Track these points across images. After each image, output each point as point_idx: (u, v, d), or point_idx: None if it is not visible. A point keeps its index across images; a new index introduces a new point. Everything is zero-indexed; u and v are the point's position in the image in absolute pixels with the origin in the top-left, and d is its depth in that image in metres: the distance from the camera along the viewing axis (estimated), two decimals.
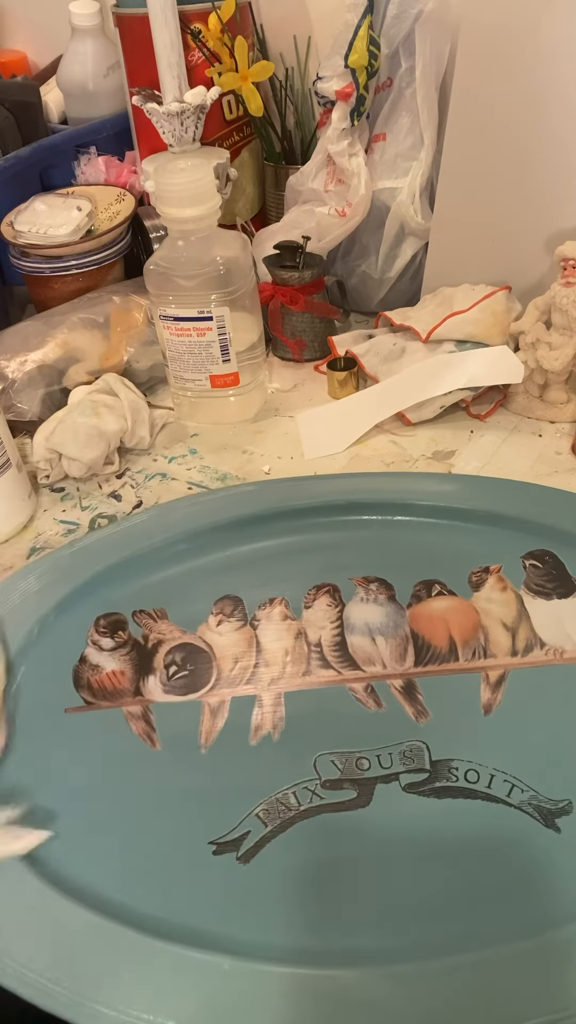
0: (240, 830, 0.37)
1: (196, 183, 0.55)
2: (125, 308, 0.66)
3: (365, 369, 0.65)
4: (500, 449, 0.59)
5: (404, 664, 0.44)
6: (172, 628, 0.47)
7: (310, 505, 0.53)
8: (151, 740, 0.41)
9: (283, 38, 0.77)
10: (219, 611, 0.47)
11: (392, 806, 0.37)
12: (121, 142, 0.79)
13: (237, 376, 0.62)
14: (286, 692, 0.43)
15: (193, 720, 0.42)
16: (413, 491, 0.53)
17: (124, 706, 0.43)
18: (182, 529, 0.52)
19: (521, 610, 0.46)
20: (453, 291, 0.65)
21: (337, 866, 0.35)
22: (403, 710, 0.41)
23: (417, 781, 0.38)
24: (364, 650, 0.45)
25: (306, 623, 0.46)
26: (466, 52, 0.60)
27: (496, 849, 0.35)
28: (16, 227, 0.69)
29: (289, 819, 0.37)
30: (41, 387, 0.62)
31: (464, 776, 0.38)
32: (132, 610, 0.48)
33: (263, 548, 0.51)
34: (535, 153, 0.61)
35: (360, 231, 0.71)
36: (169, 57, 0.67)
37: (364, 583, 0.48)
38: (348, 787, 0.38)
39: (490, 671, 0.43)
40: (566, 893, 0.33)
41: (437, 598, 0.47)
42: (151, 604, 0.48)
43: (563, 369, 0.59)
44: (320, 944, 0.32)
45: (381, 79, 0.67)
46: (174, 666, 0.45)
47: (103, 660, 0.45)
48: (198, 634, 0.46)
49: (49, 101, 0.85)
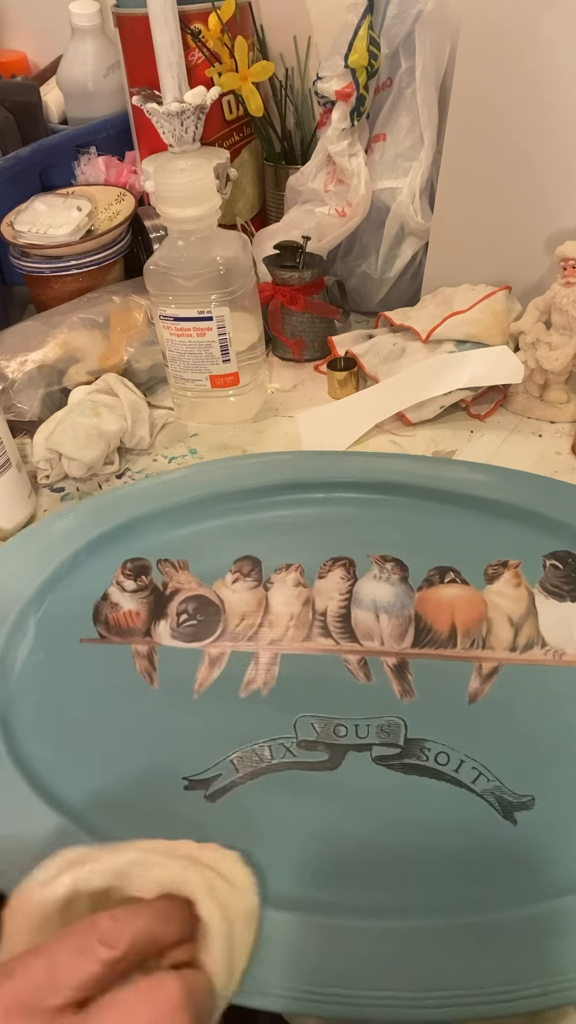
0: (213, 772, 0.39)
1: (196, 183, 0.55)
2: (125, 308, 0.66)
3: (365, 369, 0.65)
4: (500, 449, 0.59)
5: (402, 644, 0.45)
6: (191, 579, 0.49)
7: (340, 480, 0.54)
8: (150, 679, 0.44)
9: (283, 38, 0.77)
10: (237, 570, 0.50)
11: (359, 774, 0.39)
12: (121, 142, 0.79)
13: (237, 376, 0.62)
14: (283, 654, 0.45)
15: (192, 667, 0.44)
16: (445, 478, 0.53)
17: (133, 644, 0.46)
18: (215, 489, 0.54)
19: (530, 608, 0.46)
20: (453, 291, 0.65)
21: (295, 819, 0.37)
22: (390, 686, 0.43)
23: (388, 755, 0.39)
24: (366, 625, 0.46)
25: (316, 592, 0.48)
26: (466, 52, 0.60)
27: (451, 830, 0.36)
28: (16, 227, 0.69)
29: (260, 769, 0.39)
30: (41, 387, 0.62)
31: (435, 757, 0.39)
32: (157, 558, 0.51)
33: (289, 515, 0.53)
34: (535, 153, 0.61)
35: (360, 231, 0.71)
36: (169, 57, 0.67)
37: (381, 561, 0.49)
38: (321, 749, 0.40)
39: (484, 662, 0.43)
40: (508, 882, 0.34)
41: (448, 585, 0.48)
42: (176, 555, 0.51)
43: (563, 369, 0.59)
44: (265, 886, 0.33)
45: (381, 79, 0.67)
46: (185, 615, 0.47)
47: (123, 600, 0.48)
48: (214, 588, 0.49)
49: (49, 101, 0.85)
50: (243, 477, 0.55)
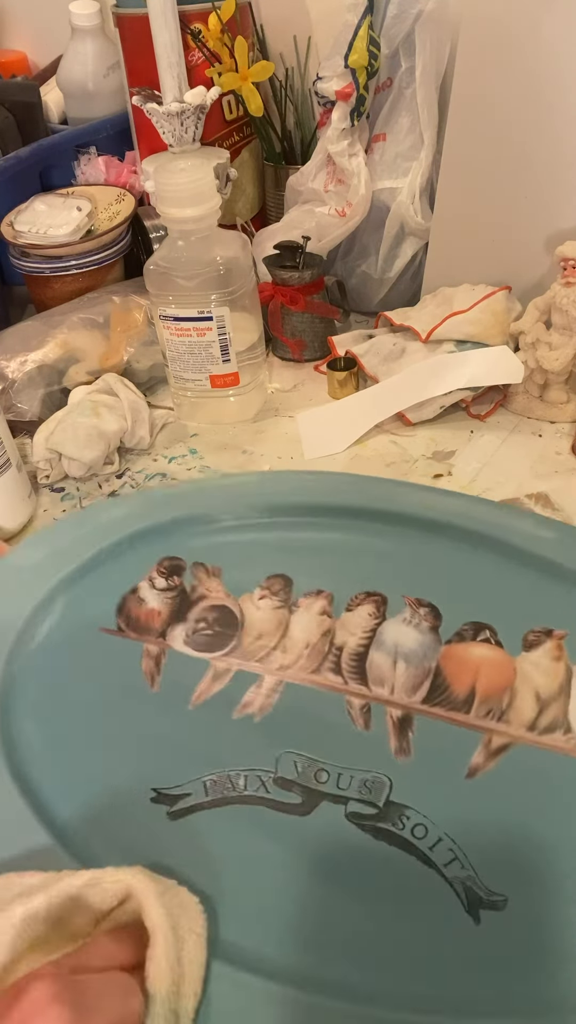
0: (183, 789, 0.38)
1: (196, 183, 0.55)
2: (125, 308, 0.66)
3: (365, 369, 0.65)
4: (500, 449, 0.59)
5: (412, 697, 0.42)
6: (219, 588, 0.48)
7: (398, 512, 0.51)
8: (152, 681, 0.44)
9: (283, 38, 0.77)
10: (267, 587, 0.48)
11: (328, 827, 0.36)
12: (121, 142, 0.79)
13: (237, 376, 0.62)
14: (288, 682, 0.43)
15: (196, 676, 0.44)
16: (507, 527, 0.49)
17: (146, 643, 0.46)
18: (266, 501, 0.53)
19: (564, 687, 0.41)
20: (453, 291, 0.65)
21: (253, 859, 0.35)
22: (387, 740, 0.40)
23: (363, 813, 0.36)
24: (381, 669, 0.43)
25: (340, 624, 0.46)
26: (466, 52, 0.60)
27: (411, 912, 0.33)
28: (16, 227, 0.69)
29: (229, 797, 0.38)
30: (41, 387, 0.62)
31: (412, 828, 0.36)
32: (193, 561, 0.50)
33: (336, 540, 0.51)
34: (535, 153, 0.61)
35: (360, 231, 0.71)
36: (169, 57, 0.67)
37: (415, 604, 0.46)
38: (296, 791, 0.38)
39: (496, 735, 0.39)
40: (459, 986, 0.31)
41: (480, 644, 0.44)
42: (213, 560, 0.50)
43: (563, 369, 0.59)
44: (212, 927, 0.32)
45: (381, 79, 0.67)
46: (203, 623, 0.47)
47: (149, 597, 0.48)
48: (240, 601, 0.48)
49: (49, 101, 0.85)
50: (302, 492, 0.53)
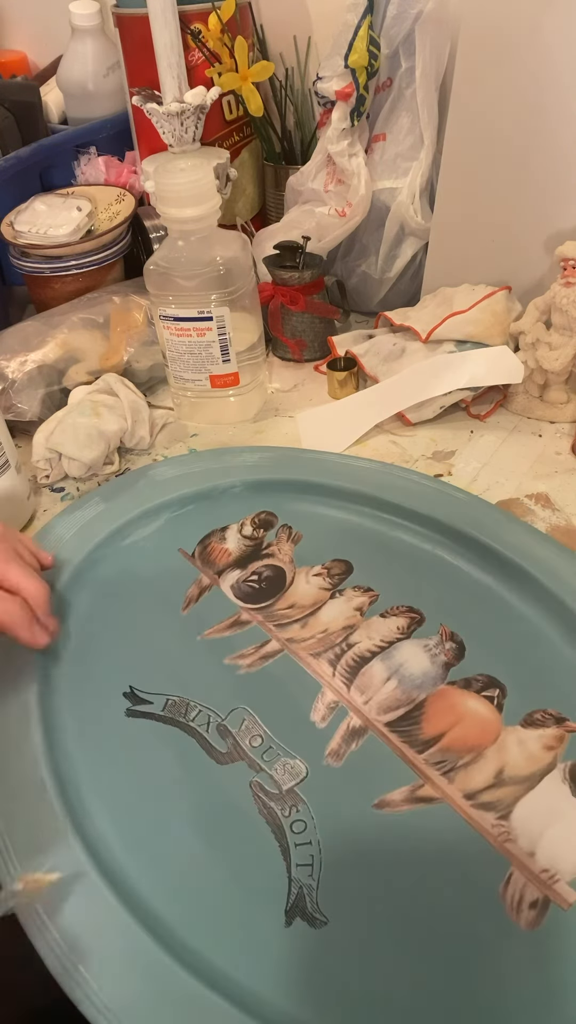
0: (149, 697, 0.43)
1: (196, 183, 0.55)
2: (125, 308, 0.66)
3: (365, 369, 0.65)
4: (500, 449, 0.59)
5: (381, 715, 0.41)
6: (289, 553, 0.51)
7: (487, 545, 0.49)
8: (187, 605, 0.48)
9: (283, 38, 0.77)
10: (328, 568, 0.50)
11: (230, 782, 0.39)
12: (121, 142, 0.79)
13: (237, 376, 0.62)
14: (286, 653, 0.45)
15: (221, 616, 0.47)
16: None
17: (203, 574, 0.50)
18: (379, 496, 0.53)
19: (536, 777, 0.37)
20: (453, 291, 0.65)
21: (159, 774, 0.39)
22: (331, 740, 0.40)
23: (265, 788, 0.38)
24: (371, 679, 0.43)
25: (365, 625, 0.46)
26: (466, 52, 0.60)
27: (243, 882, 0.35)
28: (16, 227, 0.69)
29: (176, 721, 0.41)
30: (41, 387, 0.62)
31: (293, 822, 0.37)
32: (284, 522, 0.53)
33: (417, 548, 0.51)
34: (535, 153, 0.61)
35: (360, 231, 0.71)
36: (169, 57, 0.67)
37: (447, 636, 0.45)
38: (229, 742, 0.40)
39: (429, 786, 0.37)
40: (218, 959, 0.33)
41: (479, 697, 0.41)
42: (300, 527, 0.53)
43: (563, 369, 0.59)
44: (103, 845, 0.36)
45: (381, 79, 0.67)
46: (255, 576, 0.49)
47: (231, 539, 0.52)
48: (298, 570, 0.50)
49: (49, 101, 0.85)
50: (419, 497, 0.53)
